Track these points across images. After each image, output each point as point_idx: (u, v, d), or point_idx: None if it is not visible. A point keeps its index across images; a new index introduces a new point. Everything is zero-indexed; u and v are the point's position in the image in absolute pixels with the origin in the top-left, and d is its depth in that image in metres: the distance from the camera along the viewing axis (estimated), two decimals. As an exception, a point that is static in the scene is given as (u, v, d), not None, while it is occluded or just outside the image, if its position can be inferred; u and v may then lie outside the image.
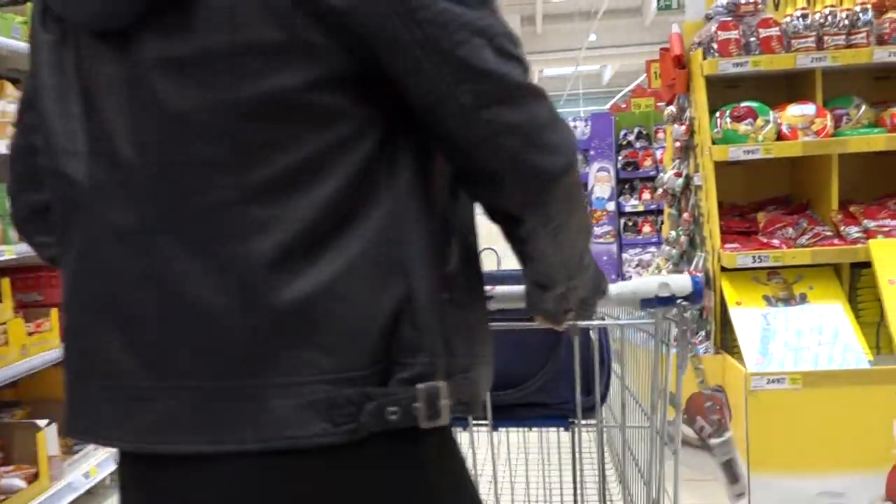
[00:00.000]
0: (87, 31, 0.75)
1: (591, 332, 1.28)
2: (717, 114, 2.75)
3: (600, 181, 6.31)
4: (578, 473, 1.48)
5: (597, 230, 6.34)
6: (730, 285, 2.65)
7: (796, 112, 2.70)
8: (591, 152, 6.34)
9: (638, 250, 6.32)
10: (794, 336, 2.50)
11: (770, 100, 2.77)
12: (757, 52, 2.71)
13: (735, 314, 2.59)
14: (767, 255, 2.57)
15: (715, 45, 2.72)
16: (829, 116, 2.67)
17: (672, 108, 3.12)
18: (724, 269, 2.66)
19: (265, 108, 0.69)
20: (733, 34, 2.70)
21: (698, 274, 1.15)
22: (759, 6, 2.74)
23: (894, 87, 3.02)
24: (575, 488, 1.53)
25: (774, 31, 2.69)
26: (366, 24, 0.69)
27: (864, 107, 2.80)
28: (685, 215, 3.04)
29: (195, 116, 0.70)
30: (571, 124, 6.84)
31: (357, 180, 0.71)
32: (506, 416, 1.30)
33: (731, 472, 1.58)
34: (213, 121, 0.70)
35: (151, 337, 0.72)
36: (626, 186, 6.38)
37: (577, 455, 1.41)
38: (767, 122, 2.67)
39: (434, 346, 0.74)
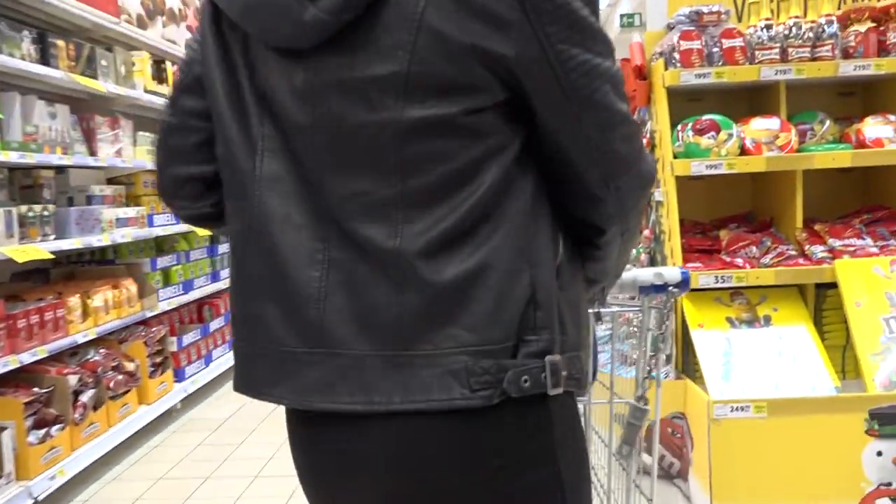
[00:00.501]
0: (266, 45, 0.84)
1: None
2: (679, 127, 2.63)
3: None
4: None
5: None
6: (692, 306, 2.53)
7: (760, 126, 2.59)
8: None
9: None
10: (758, 360, 2.38)
11: (733, 114, 2.67)
12: (720, 64, 2.60)
13: (697, 337, 2.46)
14: (730, 274, 2.45)
15: (677, 56, 2.61)
16: (793, 131, 2.58)
17: (633, 121, 3.00)
18: (685, 289, 2.53)
19: (426, 128, 0.80)
20: (696, 44, 2.59)
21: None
22: (723, 16, 2.64)
23: (858, 103, 2.95)
24: None
25: (738, 42, 2.59)
26: (526, 68, 0.82)
27: (828, 122, 2.71)
28: (646, 232, 2.91)
29: (364, 130, 0.81)
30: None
31: (498, 186, 0.83)
32: None
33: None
34: (379, 135, 0.81)
35: (309, 310, 0.83)
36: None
37: None
38: (731, 135, 2.56)
39: (553, 326, 0.85)
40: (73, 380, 3.27)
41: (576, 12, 0.83)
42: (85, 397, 3.37)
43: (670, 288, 1.25)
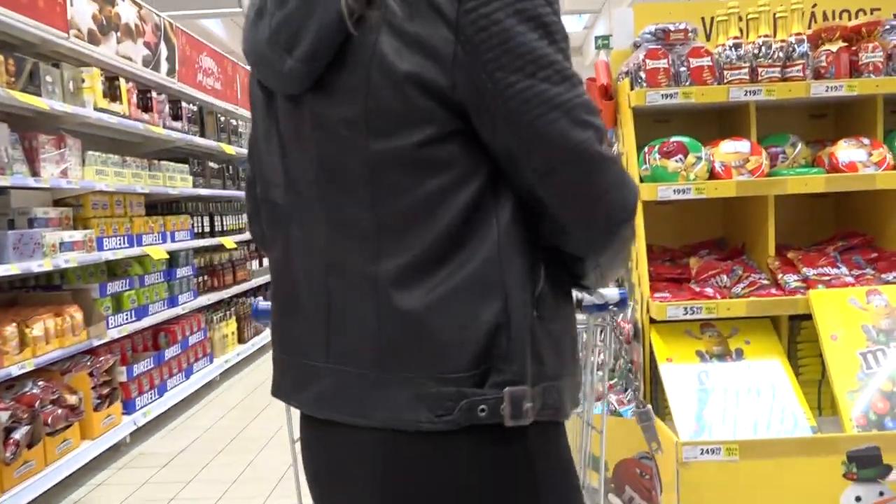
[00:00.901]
0: (280, 93, 0.94)
1: None
2: (646, 149, 2.50)
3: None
4: None
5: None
6: (660, 339, 2.38)
7: (730, 149, 2.47)
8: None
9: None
10: (730, 398, 2.24)
11: (703, 136, 2.55)
12: (688, 84, 2.48)
13: (665, 372, 2.31)
14: (700, 305, 2.31)
15: (643, 75, 2.48)
16: (764, 154, 2.46)
17: (599, 143, 2.87)
18: (653, 320, 2.39)
19: (389, 161, 0.85)
20: (662, 63, 2.47)
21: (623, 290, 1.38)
22: (690, 34, 2.53)
23: (830, 126, 2.85)
24: None
25: (706, 62, 2.47)
26: (467, 98, 0.84)
27: (800, 145, 2.60)
28: (613, 259, 2.77)
29: (341, 164, 0.88)
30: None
31: (466, 214, 0.85)
32: None
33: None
34: (356, 169, 0.87)
35: (322, 327, 0.91)
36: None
37: None
38: (699, 158, 2.43)
39: (524, 356, 0.86)
40: (3, 416, 3.05)
41: (515, 37, 0.82)
42: (18, 434, 3.14)
43: (610, 307, 1.36)
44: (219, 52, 6.10)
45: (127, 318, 4.35)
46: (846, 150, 2.47)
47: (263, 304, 1.56)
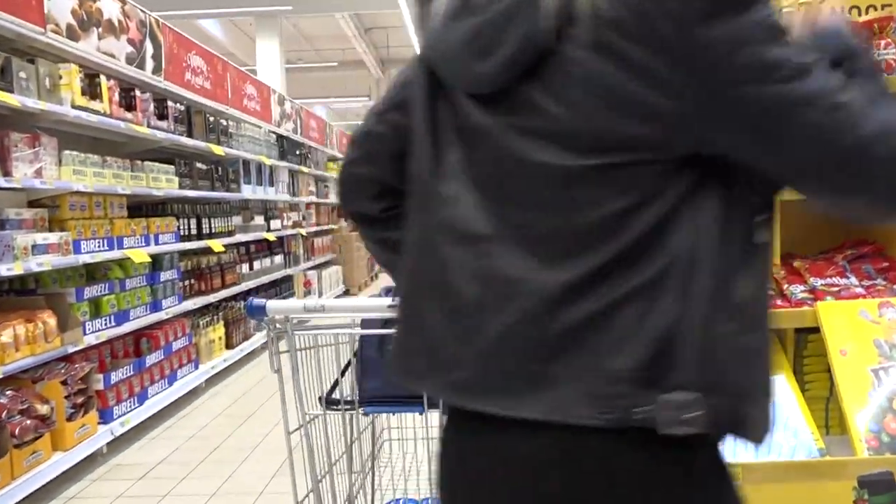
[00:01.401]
0: (462, 92, 0.96)
1: None
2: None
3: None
4: None
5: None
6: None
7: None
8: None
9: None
10: (730, 417, 2.08)
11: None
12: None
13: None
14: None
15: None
16: (768, 155, 2.30)
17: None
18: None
19: (580, 177, 0.86)
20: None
21: None
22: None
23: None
24: None
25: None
26: (682, 121, 0.84)
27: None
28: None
29: (529, 170, 0.89)
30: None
31: (653, 231, 0.85)
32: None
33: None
34: (542, 177, 0.88)
35: (469, 320, 0.91)
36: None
37: None
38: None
39: (699, 365, 0.85)
40: (-35, 428, 2.90)
41: (744, 48, 0.79)
42: (-19, 447, 2.99)
43: None
44: (209, 50, 5.96)
45: (106, 324, 4.20)
46: (856, 151, 2.31)
47: (258, 300, 1.47)
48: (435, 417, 1.63)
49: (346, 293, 10.82)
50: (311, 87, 20.37)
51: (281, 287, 7.54)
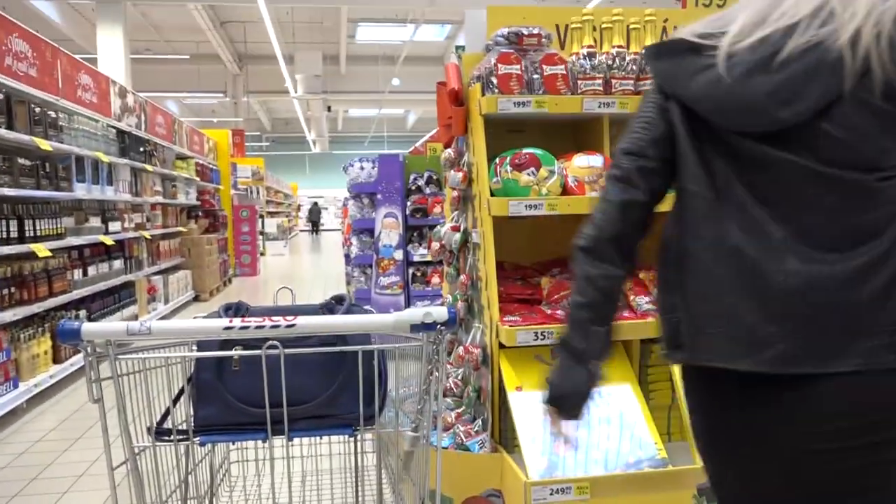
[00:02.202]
0: (732, 131, 1.23)
1: (373, 352, 1.48)
2: (497, 160, 2.33)
3: (387, 227, 5.84)
4: (360, 473, 1.82)
5: (383, 280, 5.85)
6: (509, 366, 2.21)
7: (583, 163, 2.35)
8: (379, 196, 5.87)
9: (427, 302, 5.91)
10: (582, 430, 2.09)
11: (556, 148, 2.42)
12: (541, 92, 2.34)
13: (515, 401, 2.14)
14: (551, 330, 2.16)
15: (494, 80, 2.31)
16: (617, 170, 2.35)
17: (450, 152, 2.68)
18: (502, 345, 2.21)
19: (873, 185, 1.14)
20: (515, 69, 2.31)
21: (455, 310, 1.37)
22: (544, 40, 2.38)
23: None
24: (356, 485, 1.83)
25: (560, 70, 2.34)
26: None
27: (651, 161, 2.52)
28: (463, 277, 2.59)
29: (828, 184, 1.15)
30: (358, 165, 6.36)
31: None
32: (300, 427, 1.48)
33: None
34: (841, 187, 1.15)
35: (778, 301, 1.16)
36: (415, 234, 5.97)
37: (359, 457, 1.73)
38: (552, 172, 2.29)
39: None
40: None
41: None
42: None
43: (439, 326, 1.37)
44: (34, 34, 5.41)
45: None
46: (696, 169, 2.41)
47: (70, 323, 1.26)
48: (278, 442, 1.51)
49: (196, 299, 10.25)
50: (161, 81, 19.22)
51: (120, 294, 7.00)
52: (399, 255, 5.85)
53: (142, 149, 7.85)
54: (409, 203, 5.86)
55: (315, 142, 28.94)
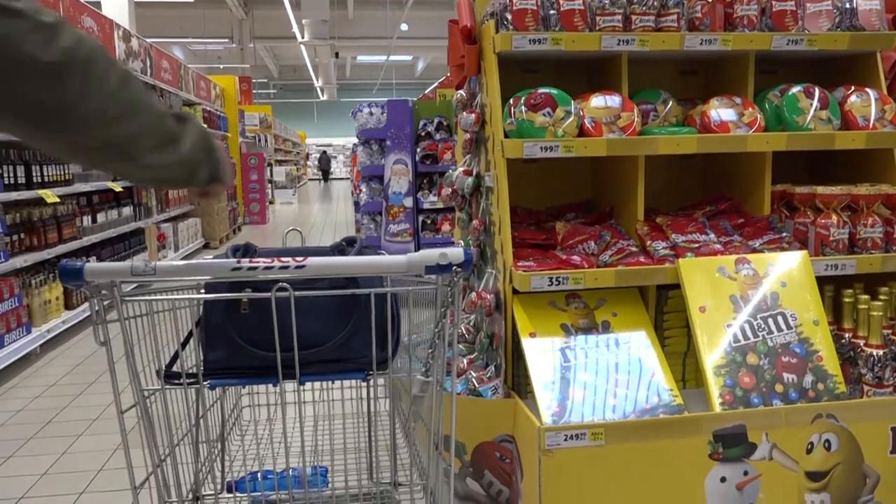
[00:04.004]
0: None
1: (386, 296, 1.43)
2: (511, 101, 2.25)
3: (397, 174, 5.77)
4: (373, 419, 1.77)
5: (393, 227, 5.80)
6: (523, 311, 2.17)
7: (600, 104, 2.26)
8: (388, 142, 5.78)
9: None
10: (596, 375, 2.06)
11: (571, 89, 2.33)
12: (557, 28, 2.24)
13: (529, 347, 2.11)
14: (567, 276, 2.11)
15: (509, 16, 2.22)
16: (636, 111, 2.27)
17: (461, 93, 2.60)
18: (516, 291, 2.17)
19: None
20: (530, 4, 2.21)
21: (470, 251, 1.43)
22: (561, -26, 2.28)
23: (699, 82, 2.72)
24: (370, 430, 1.83)
25: (577, 5, 2.24)
26: None
27: (671, 102, 2.44)
28: (475, 222, 2.53)
29: None
30: (367, 111, 6.24)
31: None
32: (312, 371, 1.43)
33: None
34: None
35: None
36: (425, 181, 5.90)
37: (371, 402, 1.69)
38: (568, 113, 2.21)
39: None
40: None
41: None
42: None
43: (454, 267, 1.30)
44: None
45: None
46: (718, 110, 2.33)
47: (72, 262, 1.22)
48: (290, 387, 1.48)
49: (206, 247, 10.26)
50: (166, 26, 18.92)
51: (130, 241, 6.99)
52: (409, 202, 5.79)
53: (148, 95, 7.75)
54: (418, 149, 5.77)
55: (323, 89, 28.57)
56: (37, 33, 0.90)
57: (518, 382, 2.26)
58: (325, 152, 33.27)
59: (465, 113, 2.50)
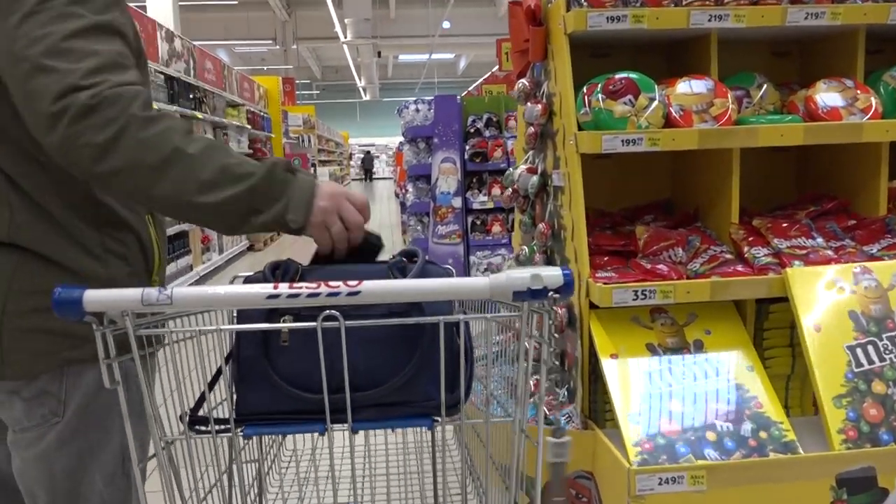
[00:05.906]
0: None
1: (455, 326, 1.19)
2: (585, 89, 1.97)
3: (445, 173, 5.52)
4: (440, 473, 1.52)
5: (441, 229, 5.56)
6: (602, 329, 1.89)
7: (688, 89, 1.97)
8: (435, 140, 5.53)
9: (487, 252, 5.61)
10: (690, 404, 1.77)
11: (650, 76, 2.03)
12: (638, 5, 1.95)
13: (609, 370, 1.83)
14: (654, 288, 1.82)
15: (583, -9, 1.93)
16: (731, 97, 1.97)
17: (524, 82, 2.32)
18: (593, 305, 1.89)
19: None
20: (607, -24, 1.93)
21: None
22: (641, -58, 1.98)
23: (793, 65, 2.40)
24: (435, 488, 1.55)
25: (661, -23, 1.95)
26: None
27: (766, 86, 2.13)
28: (541, 226, 2.25)
29: None
30: (413, 107, 6.00)
31: None
32: (366, 416, 1.17)
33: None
34: None
35: None
36: (475, 180, 5.63)
37: (436, 454, 1.48)
38: (652, 100, 1.92)
39: None
40: None
41: None
42: None
43: (550, 293, 1.02)
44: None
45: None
46: (827, 94, 2.01)
47: (68, 290, 0.96)
48: (338, 437, 1.23)
49: (251, 248, 10.18)
50: (211, 29, 19.04)
51: (175, 244, 6.90)
52: (458, 202, 5.53)
53: (191, 96, 7.64)
54: (467, 147, 5.51)
55: (365, 89, 28.53)
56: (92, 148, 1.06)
57: (595, 409, 1.98)
58: (368, 152, 33.30)
59: (529, 104, 2.23)
